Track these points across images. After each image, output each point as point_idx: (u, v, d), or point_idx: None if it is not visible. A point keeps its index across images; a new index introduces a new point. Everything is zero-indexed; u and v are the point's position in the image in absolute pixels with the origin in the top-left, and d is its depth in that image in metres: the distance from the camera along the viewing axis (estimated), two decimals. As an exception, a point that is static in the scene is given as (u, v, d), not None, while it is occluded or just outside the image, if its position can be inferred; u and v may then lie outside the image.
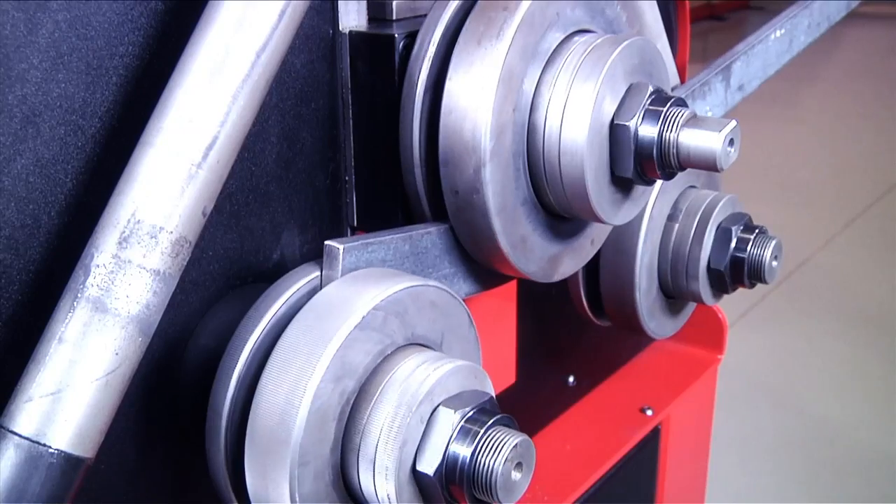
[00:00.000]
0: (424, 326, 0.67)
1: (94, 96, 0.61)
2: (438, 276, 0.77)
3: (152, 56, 0.63)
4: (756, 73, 1.05)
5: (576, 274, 0.98)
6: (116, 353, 0.56)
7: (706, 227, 0.98)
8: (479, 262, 0.78)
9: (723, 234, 0.98)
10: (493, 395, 0.66)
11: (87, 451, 0.56)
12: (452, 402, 0.63)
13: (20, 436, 0.54)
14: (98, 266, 0.56)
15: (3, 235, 0.58)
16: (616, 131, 0.74)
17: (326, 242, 0.66)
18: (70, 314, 0.55)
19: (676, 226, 0.99)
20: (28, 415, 0.54)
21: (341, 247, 0.66)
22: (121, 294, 0.56)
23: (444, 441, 0.61)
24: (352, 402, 0.62)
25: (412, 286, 0.65)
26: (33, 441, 0.54)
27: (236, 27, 0.59)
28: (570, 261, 0.84)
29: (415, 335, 0.66)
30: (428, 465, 0.61)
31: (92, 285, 0.56)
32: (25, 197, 0.59)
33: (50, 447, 0.54)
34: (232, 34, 0.59)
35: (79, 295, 0.56)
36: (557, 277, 0.83)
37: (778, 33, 1.07)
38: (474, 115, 0.70)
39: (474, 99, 0.70)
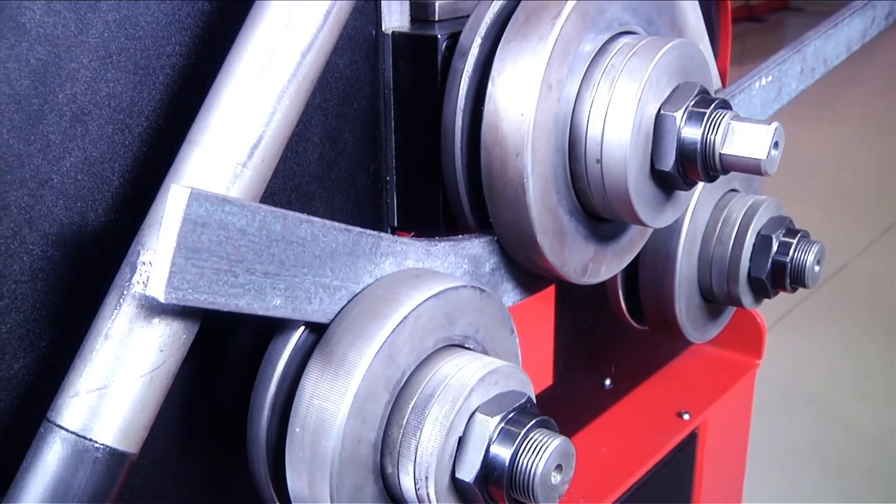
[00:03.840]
0: (465, 327, 0.67)
1: (142, 95, 0.62)
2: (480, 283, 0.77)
3: (198, 56, 0.64)
4: None
5: (614, 277, 0.98)
6: (161, 350, 0.57)
7: (747, 231, 0.97)
8: (519, 263, 0.78)
9: (764, 238, 0.97)
10: (534, 397, 0.66)
11: (131, 446, 0.57)
12: (493, 403, 0.63)
13: (67, 430, 0.55)
14: (144, 263, 0.56)
15: (51, 232, 0.59)
16: (661, 122, 0.73)
17: (172, 185, 0.53)
18: (116, 311, 0.56)
19: (717, 229, 0.98)
20: (74, 410, 0.55)
21: (188, 191, 0.53)
22: (166, 292, 0.56)
23: (484, 443, 0.61)
24: (393, 401, 0.62)
25: (453, 287, 0.65)
26: (79, 436, 0.55)
27: (282, 28, 0.59)
28: (609, 263, 0.84)
29: (455, 336, 0.66)
30: (468, 467, 0.61)
31: (138, 283, 0.56)
32: (73, 194, 0.60)
33: (95, 442, 0.55)
34: (278, 35, 0.59)
35: (125, 292, 0.56)
36: (596, 280, 0.83)
37: (764, 81, 1.00)
38: (517, 117, 0.70)
39: (517, 101, 0.70)
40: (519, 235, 0.74)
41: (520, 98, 0.70)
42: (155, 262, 0.53)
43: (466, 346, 0.68)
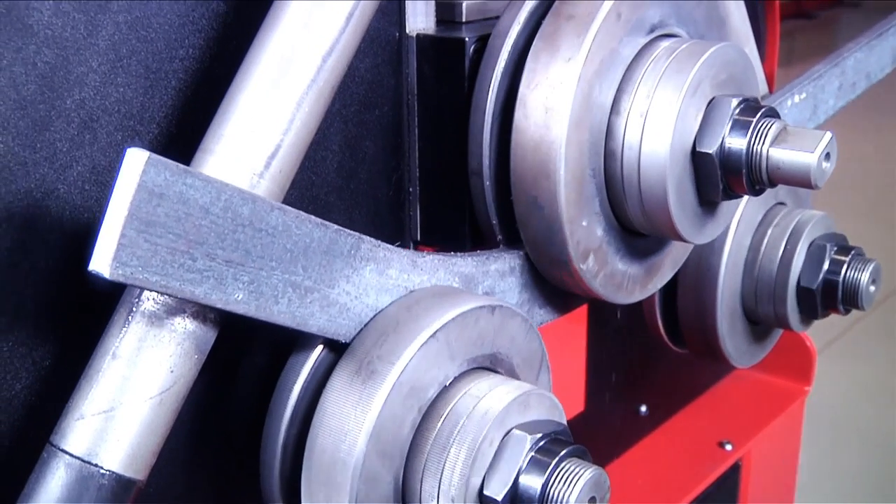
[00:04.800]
0: (494, 348, 0.68)
1: (153, 101, 0.63)
2: (510, 301, 0.77)
3: (213, 59, 0.65)
4: None
5: (651, 296, 0.98)
6: (171, 371, 0.58)
7: (796, 248, 0.97)
8: (550, 280, 0.79)
9: (814, 255, 0.98)
10: (566, 424, 0.67)
11: (138, 472, 0.58)
12: (522, 431, 0.64)
13: (71, 455, 0.56)
14: (154, 278, 0.57)
15: (56, 245, 0.60)
16: (699, 158, 0.74)
17: (129, 149, 0.51)
18: (124, 329, 0.57)
19: (763, 245, 0.98)
20: (80, 433, 0.56)
21: (145, 155, 0.51)
22: (177, 309, 0.58)
23: (513, 471, 0.62)
24: (417, 424, 0.63)
25: (483, 306, 0.66)
26: (84, 461, 0.56)
27: (302, 30, 0.60)
28: (646, 281, 0.84)
29: (483, 357, 0.67)
30: (496, 495, 0.62)
31: (147, 299, 0.57)
32: (81, 205, 0.61)
33: (101, 468, 0.56)
34: (297, 37, 0.60)
35: (134, 309, 0.57)
36: (633, 299, 0.83)
37: (797, 98, 0.98)
38: (549, 125, 0.70)
39: (550, 108, 0.70)
40: (549, 249, 0.74)
41: (553, 105, 0.70)
42: (102, 233, 0.51)
43: (494, 368, 0.68)
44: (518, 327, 0.70)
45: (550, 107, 0.71)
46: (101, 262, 0.50)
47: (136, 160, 0.51)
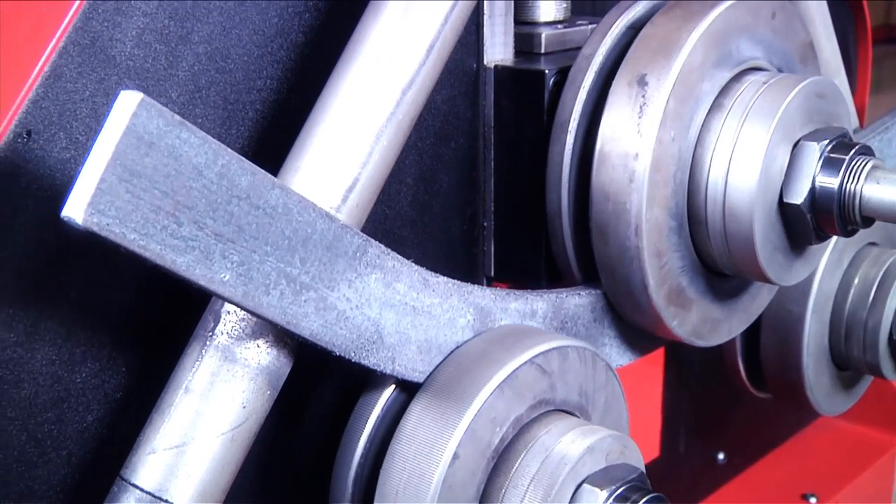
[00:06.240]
0: (570, 391, 0.69)
1: (230, 132, 0.65)
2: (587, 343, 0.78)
3: (291, 91, 0.68)
4: None
5: (733, 338, 0.98)
6: (244, 406, 0.60)
7: (889, 291, 0.96)
8: (630, 322, 0.80)
9: (909, 298, 0.97)
10: (644, 471, 0.68)
11: (208, 509, 0.60)
12: (599, 477, 0.65)
13: (142, 490, 0.58)
14: (229, 312, 0.60)
15: (129, 277, 0.63)
16: (795, 159, 0.74)
17: (123, 90, 0.49)
18: (198, 363, 0.59)
19: (853, 287, 0.98)
20: (151, 468, 0.58)
21: (138, 97, 0.48)
22: (251, 343, 0.60)
23: (590, 520, 0.63)
24: (490, 469, 0.64)
25: (560, 346, 0.67)
26: (155, 496, 0.58)
27: (382, 62, 0.62)
28: (729, 324, 0.85)
29: (559, 400, 0.68)
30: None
31: (221, 333, 0.59)
32: (156, 237, 0.63)
33: None
34: (377, 70, 0.62)
35: (207, 343, 0.59)
36: (715, 342, 0.84)
37: None
38: (632, 162, 0.71)
39: (632, 144, 0.71)
40: (630, 290, 0.75)
41: (635, 141, 0.71)
42: (80, 176, 0.47)
43: (570, 411, 0.69)
44: (597, 370, 0.71)
45: (634, 139, 0.72)
46: (76, 207, 0.47)
47: (128, 102, 0.47)
